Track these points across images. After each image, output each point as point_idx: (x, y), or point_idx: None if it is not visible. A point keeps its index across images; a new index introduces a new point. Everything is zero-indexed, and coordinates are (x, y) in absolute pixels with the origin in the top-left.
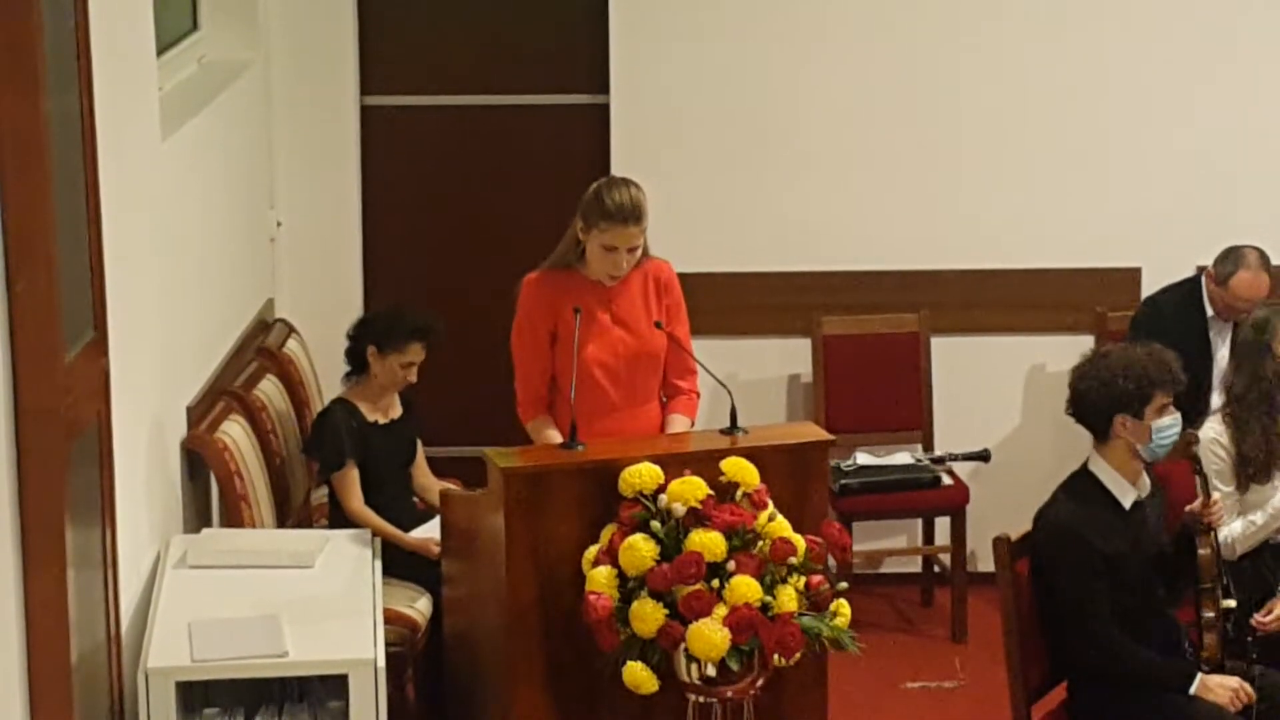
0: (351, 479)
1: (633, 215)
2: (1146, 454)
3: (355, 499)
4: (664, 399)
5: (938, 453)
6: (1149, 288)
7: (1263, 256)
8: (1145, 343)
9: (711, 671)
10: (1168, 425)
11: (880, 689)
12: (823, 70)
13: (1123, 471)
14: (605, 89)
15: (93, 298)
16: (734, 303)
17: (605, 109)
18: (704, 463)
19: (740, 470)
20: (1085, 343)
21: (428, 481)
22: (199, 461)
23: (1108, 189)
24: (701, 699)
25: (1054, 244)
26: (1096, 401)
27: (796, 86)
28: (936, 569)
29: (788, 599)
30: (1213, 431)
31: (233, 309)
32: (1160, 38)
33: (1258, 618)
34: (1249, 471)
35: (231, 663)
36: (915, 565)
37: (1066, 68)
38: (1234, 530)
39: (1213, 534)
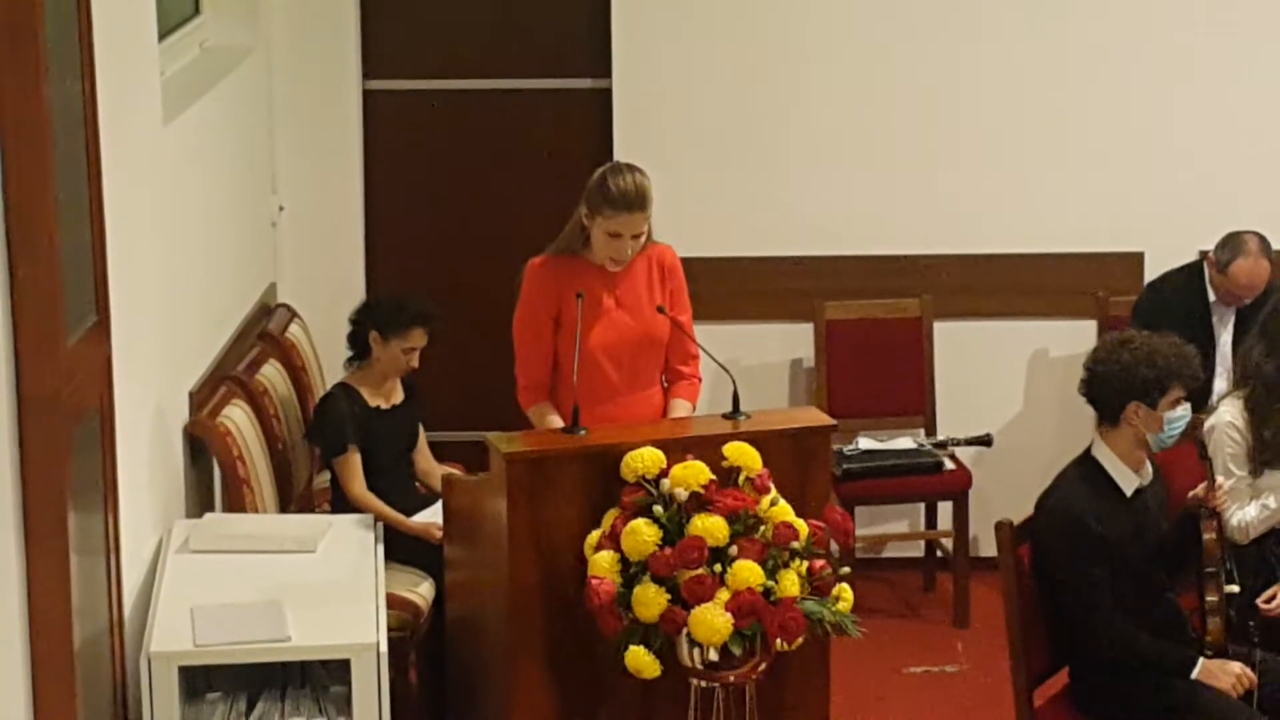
0: (353, 464)
1: (637, 201)
2: (1154, 443)
3: (357, 484)
4: (665, 384)
5: (940, 437)
6: (1151, 273)
7: (1263, 242)
8: (1167, 334)
9: (714, 656)
10: (1179, 416)
11: (882, 674)
12: (825, 55)
13: (1127, 459)
14: (608, 73)
15: (95, 283)
16: (736, 287)
17: (607, 93)
18: (706, 447)
19: (743, 455)
20: (1088, 328)
21: (430, 466)
22: (201, 446)
23: (1110, 174)
24: (704, 684)
25: (1056, 229)
26: (1113, 385)
27: (799, 71)
28: (939, 554)
29: (790, 584)
30: (1229, 415)
31: (235, 294)
32: (1161, 21)
33: (1261, 603)
34: (1265, 457)
35: (234, 647)
36: (917, 550)
37: (1067, 52)
38: (1248, 514)
39: (1217, 519)
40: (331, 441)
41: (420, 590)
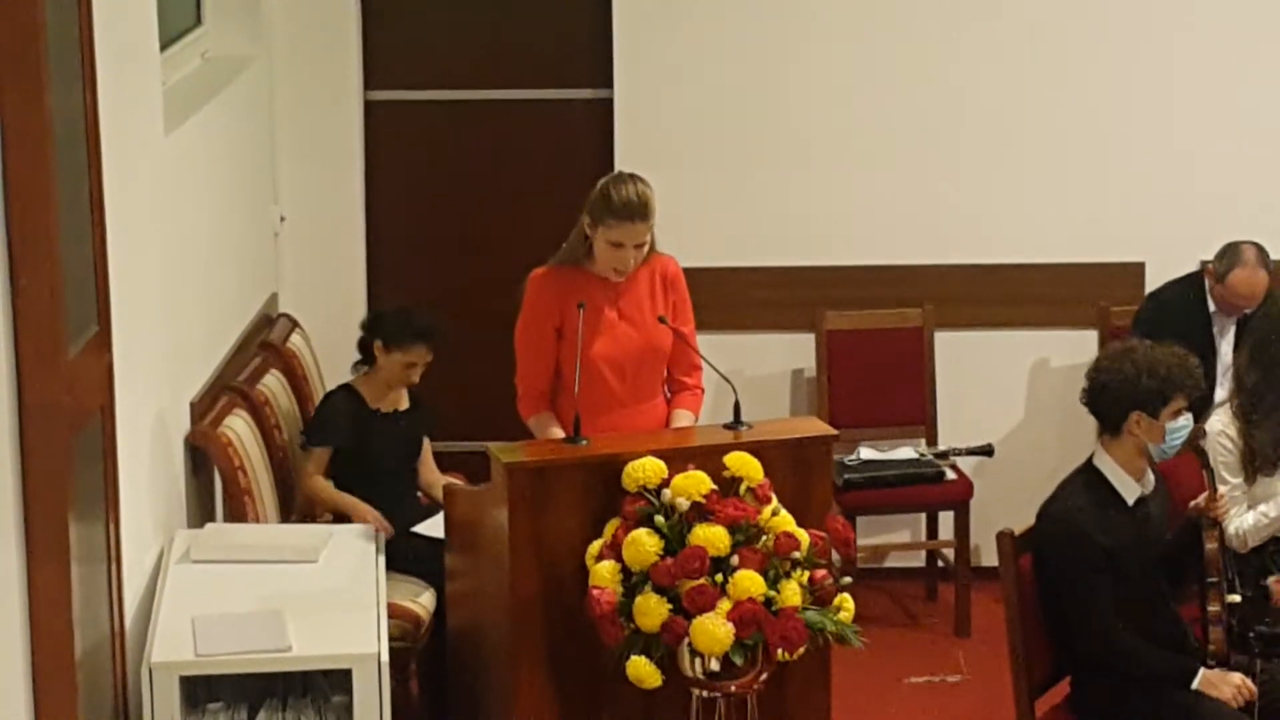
0: (320, 457)
1: (640, 212)
2: (1156, 453)
3: (314, 474)
4: (668, 394)
5: (941, 447)
6: (1152, 282)
7: (1261, 252)
8: (1169, 344)
9: (715, 666)
10: (1180, 426)
11: (884, 683)
12: (827, 65)
13: (1128, 468)
14: (609, 83)
15: (96, 293)
16: (738, 298)
17: (609, 103)
18: (708, 457)
19: (744, 465)
20: (1089, 337)
21: (433, 477)
22: (203, 456)
23: (1111, 183)
24: (705, 693)
25: (1057, 239)
26: (1115, 395)
27: (800, 81)
28: (940, 564)
29: (791, 593)
30: (1220, 424)
31: (236, 304)
32: (1162, 32)
33: (1275, 583)
34: (1256, 464)
35: (235, 657)
36: (919, 560)
37: (1069, 62)
38: (1245, 522)
39: (1218, 528)
40: (314, 431)
41: (421, 600)
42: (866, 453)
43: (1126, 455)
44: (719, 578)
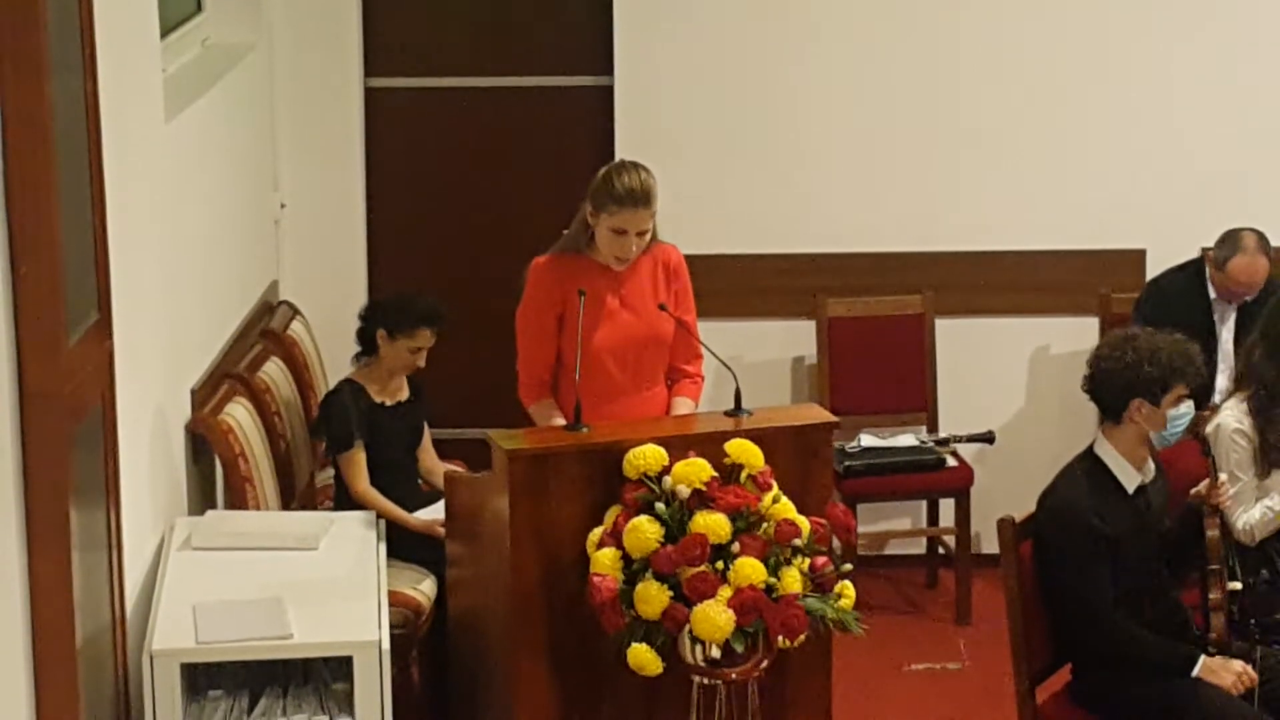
0: (359, 460)
1: (642, 199)
2: (1157, 441)
3: (362, 480)
4: (669, 382)
5: (942, 434)
6: (1153, 270)
7: (1261, 239)
8: (1170, 331)
9: (716, 653)
10: (1181, 414)
11: (884, 671)
12: (828, 52)
13: (1129, 456)
14: (610, 71)
15: (97, 280)
16: (738, 285)
17: (609, 91)
18: (708, 445)
19: (745, 452)
20: (1090, 325)
21: (433, 464)
22: (203, 444)
23: (1112, 171)
24: (706, 681)
25: (1058, 226)
26: (1117, 383)
27: (801, 68)
28: (941, 551)
29: (792, 581)
30: (1234, 420)
31: (237, 292)
32: (1163, 17)
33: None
34: (1272, 458)
35: (236, 645)
36: (919, 547)
37: (1069, 48)
38: (1253, 517)
39: (1220, 515)
40: (337, 437)
41: (422, 587)
42: (867, 440)
43: (1127, 443)
44: (720, 565)
